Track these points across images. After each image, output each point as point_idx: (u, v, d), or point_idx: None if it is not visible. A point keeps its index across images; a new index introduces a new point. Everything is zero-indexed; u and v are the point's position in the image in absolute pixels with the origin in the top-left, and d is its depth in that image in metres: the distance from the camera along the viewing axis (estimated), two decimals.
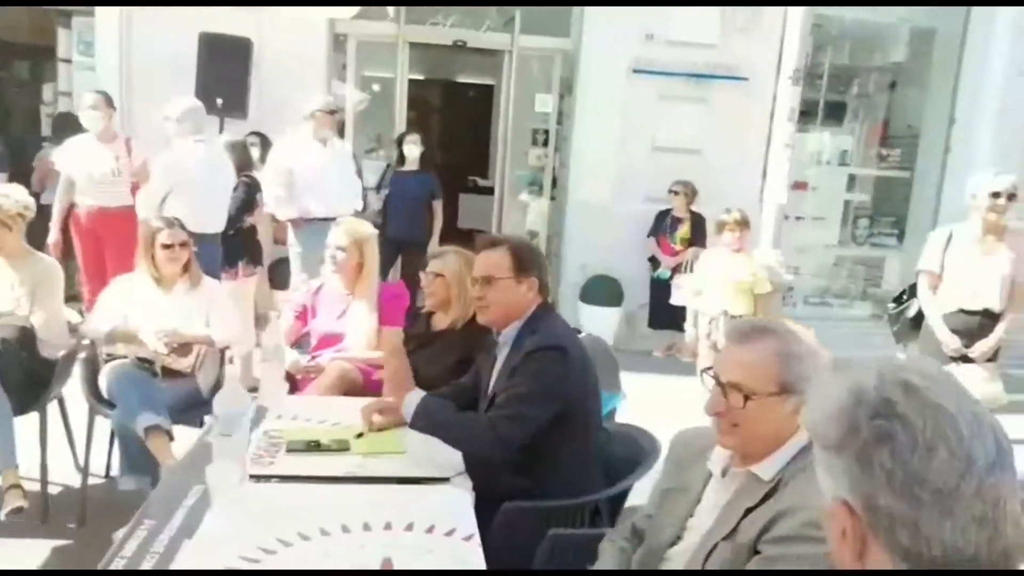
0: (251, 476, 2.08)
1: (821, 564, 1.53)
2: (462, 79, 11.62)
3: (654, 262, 6.57)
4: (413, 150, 6.51)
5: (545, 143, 7.52)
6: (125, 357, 3.31)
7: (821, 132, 8.17)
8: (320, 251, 5.37)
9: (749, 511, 1.64)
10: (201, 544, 1.76)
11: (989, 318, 4.15)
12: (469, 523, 1.96)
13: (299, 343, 3.60)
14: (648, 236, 6.62)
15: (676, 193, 6.49)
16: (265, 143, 5.92)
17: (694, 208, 6.48)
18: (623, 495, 2.47)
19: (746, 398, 1.62)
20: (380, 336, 3.56)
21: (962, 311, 4.17)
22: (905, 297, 4.51)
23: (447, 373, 3.06)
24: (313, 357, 3.52)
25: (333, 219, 5.34)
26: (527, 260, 2.43)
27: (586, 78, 7.15)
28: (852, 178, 8.26)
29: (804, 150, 7.69)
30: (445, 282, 3.26)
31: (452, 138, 9.74)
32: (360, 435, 2.47)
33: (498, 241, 2.49)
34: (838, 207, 8.19)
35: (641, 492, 2.43)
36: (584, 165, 7.15)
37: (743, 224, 4.82)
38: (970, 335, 4.14)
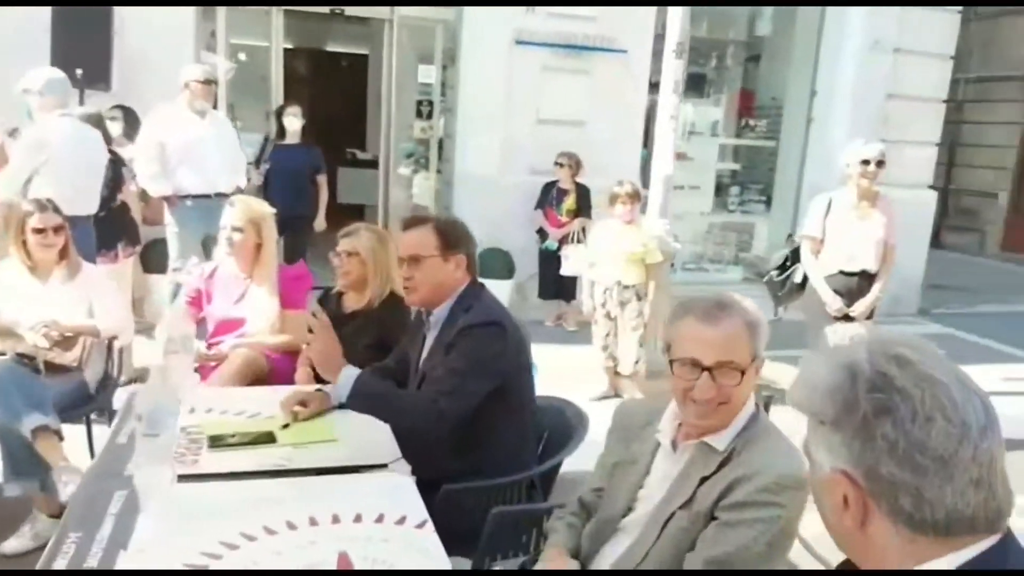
0: (178, 477, 1.95)
1: (775, 526, 1.61)
2: (333, 48, 11.26)
3: (542, 234, 6.63)
4: (294, 122, 6.25)
5: (429, 115, 7.40)
6: (3, 354, 3.02)
7: (684, 104, 8.45)
8: (198, 230, 5.13)
9: (704, 480, 1.69)
10: (140, 554, 1.63)
11: (866, 279, 4.44)
12: (419, 509, 1.92)
13: None
14: (535, 208, 6.66)
15: (561, 165, 6.52)
16: (130, 116, 5.52)
17: (579, 180, 6.55)
18: (555, 467, 2.49)
19: (742, 373, 1.65)
20: (283, 319, 3.42)
21: (842, 273, 4.44)
22: (788, 263, 4.75)
23: (363, 356, 2.96)
24: (211, 344, 3.34)
25: (210, 196, 5.13)
26: (453, 237, 2.38)
27: (469, 49, 7.07)
28: (723, 148, 8.63)
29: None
30: (360, 260, 3.15)
31: (326, 110, 9.41)
32: (286, 425, 2.37)
33: (423, 219, 2.43)
34: (710, 176, 8.54)
35: (569, 463, 2.49)
36: (470, 137, 7.10)
37: (634, 196, 4.91)
38: (850, 295, 4.42)
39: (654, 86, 7.56)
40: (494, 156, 6.97)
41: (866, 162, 4.35)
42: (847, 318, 4.38)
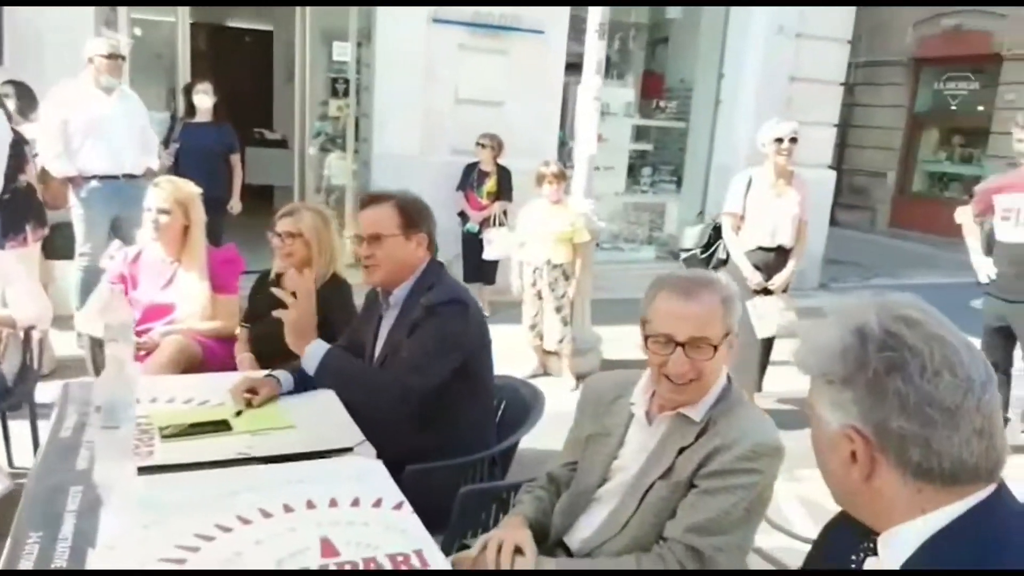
0: (138, 469, 1.85)
1: (753, 492, 1.67)
2: (235, 24, 10.83)
3: (463, 216, 6.59)
4: (204, 100, 5.99)
5: (345, 93, 7.22)
6: None
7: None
8: (106, 213, 4.86)
9: (683, 450, 1.73)
10: (110, 551, 1.54)
11: (783, 254, 4.62)
12: (393, 491, 1.89)
13: None
14: (457, 190, 6.62)
15: (483, 146, 6.45)
16: (23, 92, 5.15)
17: (500, 161, 6.53)
18: (513, 445, 2.50)
19: (715, 348, 1.69)
20: (214, 304, 3.30)
21: (761, 248, 4.60)
22: (711, 240, 4.90)
23: None
24: (140, 332, 3.18)
25: (118, 177, 4.86)
26: (415, 215, 2.35)
27: (384, 26, 6.93)
28: (635, 129, 8.78)
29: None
30: (304, 241, 3.06)
31: (231, 88, 9.03)
32: (239, 413, 2.29)
33: (384, 196, 2.38)
34: (624, 157, 8.70)
35: (525, 440, 2.51)
36: (388, 116, 6.97)
37: (560, 176, 4.96)
38: (768, 269, 4.59)
39: (569, 67, 7.66)
40: (414, 136, 6.89)
41: (779, 140, 4.51)
42: (766, 292, 4.54)
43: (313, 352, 2.15)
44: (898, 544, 0.99)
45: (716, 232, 4.86)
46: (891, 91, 14.14)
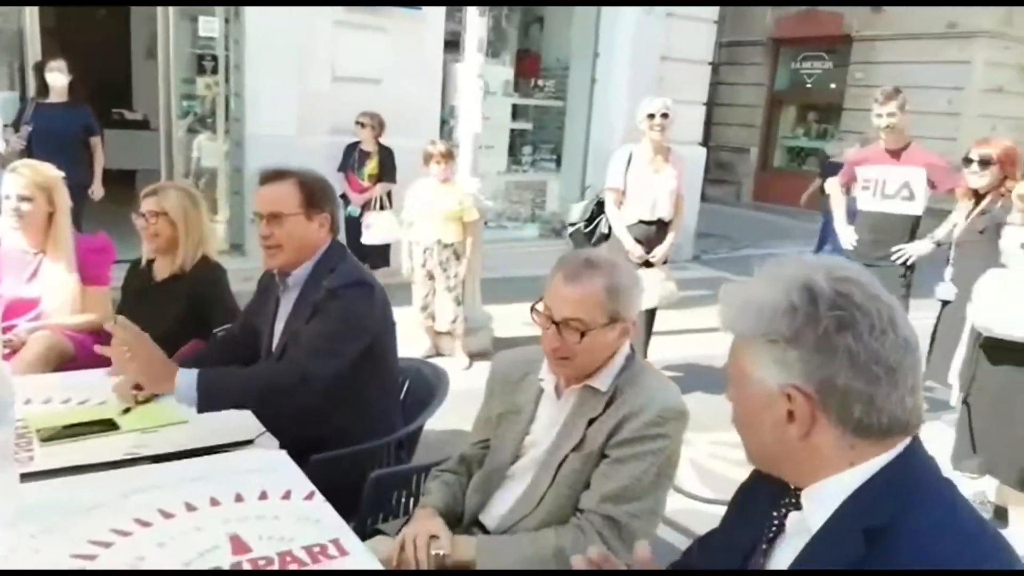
0: (21, 476, 1.71)
1: (662, 456, 1.71)
2: None
3: (345, 199, 6.39)
4: (59, 78, 5.56)
5: (214, 71, 6.87)
6: None
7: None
8: None
9: (592, 421, 1.76)
10: (1, 562, 1.42)
11: (662, 227, 4.77)
12: (302, 481, 1.82)
13: None
14: (338, 171, 6.42)
15: (363, 125, 6.21)
16: None
17: (383, 141, 6.37)
18: (419, 427, 2.47)
19: (582, 334, 1.70)
20: (84, 297, 3.08)
21: (642, 222, 4.74)
22: (594, 215, 4.99)
23: (179, 325, 2.77)
24: (4, 329, 2.93)
25: None
26: (318, 194, 2.25)
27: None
28: (515, 107, 8.82)
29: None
30: (169, 221, 2.88)
31: (85, 66, 8.42)
32: (127, 410, 2.15)
33: (285, 173, 2.27)
34: (504, 135, 8.72)
35: (430, 422, 2.49)
36: (261, 95, 6.71)
37: (448, 156, 4.92)
38: (649, 243, 4.73)
39: (446, 45, 7.59)
40: (290, 115, 6.66)
41: (651, 116, 4.64)
42: (647, 264, 4.68)
43: (184, 385, 1.94)
44: (824, 497, 1.02)
45: (600, 207, 4.95)
46: (752, 70, 14.82)
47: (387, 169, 6.20)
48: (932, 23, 12.20)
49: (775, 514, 1.12)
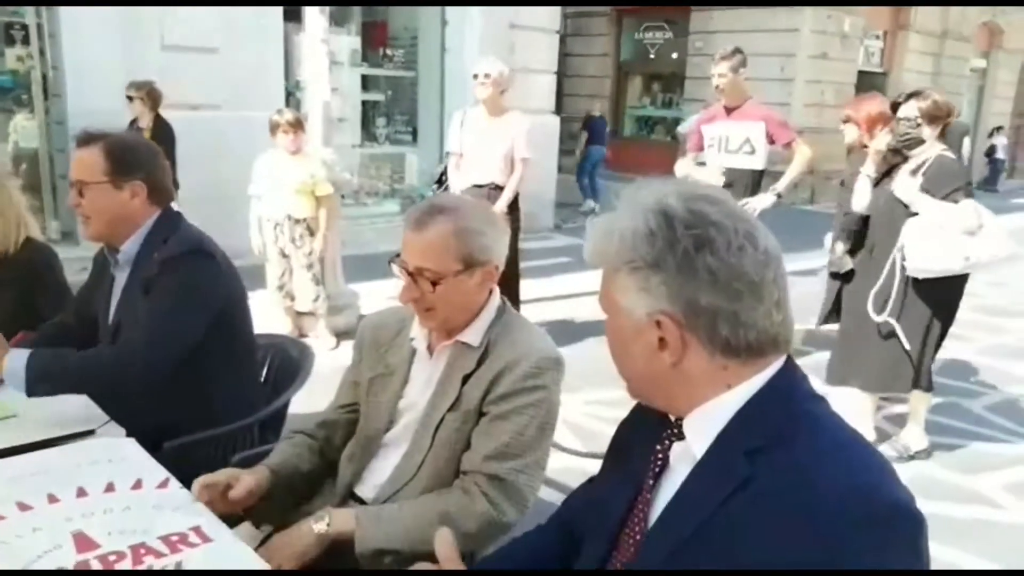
0: None
1: (543, 408, 1.67)
2: None
3: None
4: None
5: (25, 41, 6.20)
6: None
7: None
8: None
9: (467, 378, 1.69)
10: None
11: (497, 190, 4.68)
12: (154, 469, 1.66)
13: None
14: None
15: (131, 99, 5.52)
16: None
17: (163, 113, 5.70)
18: (284, 406, 2.32)
19: (434, 283, 1.62)
20: None
21: (475, 186, 4.69)
22: (444, 179, 4.92)
23: (10, 316, 2.47)
24: None
25: None
26: (127, 161, 2.01)
27: None
28: (365, 79, 8.55)
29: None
30: None
31: None
32: None
33: (93, 138, 2.03)
34: (356, 108, 8.44)
35: (298, 400, 2.35)
36: (82, 68, 6.14)
37: (296, 125, 4.65)
38: None
39: (288, 15, 7.23)
40: (115, 89, 6.09)
41: (475, 76, 4.61)
42: None
43: (13, 369, 1.78)
44: (704, 424, 1.01)
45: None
46: (598, 41, 15.12)
47: (165, 145, 5.56)
48: None
49: (658, 448, 1.10)
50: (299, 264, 4.78)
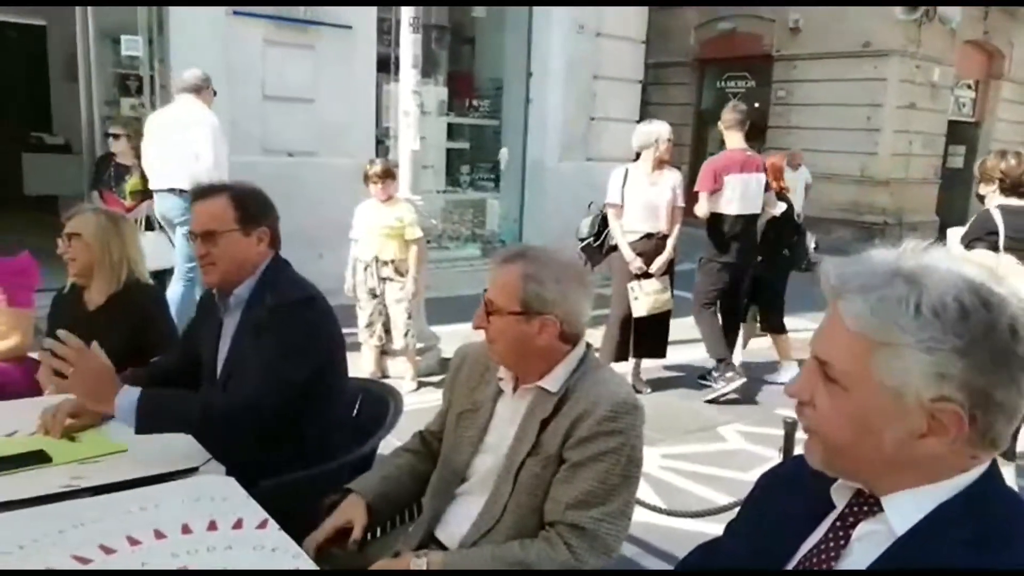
0: None
1: (623, 454, 1.67)
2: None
3: None
4: None
5: (139, 91, 6.63)
6: None
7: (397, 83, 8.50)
8: None
9: (545, 423, 1.73)
10: None
11: (662, 240, 4.99)
12: (254, 509, 1.72)
13: None
14: (90, 190, 5.68)
15: (117, 136, 5.47)
16: None
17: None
18: (372, 449, 2.39)
19: (490, 313, 1.73)
20: (7, 320, 2.91)
21: (647, 235, 4.97)
22: (600, 230, 5.14)
23: (114, 356, 2.61)
24: None
25: None
26: (254, 208, 2.16)
27: (178, 18, 6.45)
28: (450, 127, 8.79)
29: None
30: (84, 244, 2.74)
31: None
32: (73, 438, 2.02)
33: (218, 189, 2.17)
34: (442, 155, 8.67)
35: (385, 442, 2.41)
36: None
37: (386, 175, 4.85)
38: (649, 254, 4.95)
39: (379, 65, 7.53)
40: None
41: (670, 140, 5.00)
42: (646, 275, 4.93)
43: (125, 403, 1.87)
44: (917, 503, 0.95)
45: (604, 221, 5.14)
46: (679, 90, 15.15)
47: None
48: (847, 42, 12.68)
49: (840, 522, 1.03)
50: (391, 301, 4.92)
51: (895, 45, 12.47)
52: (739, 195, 5.05)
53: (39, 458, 1.91)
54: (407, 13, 5.31)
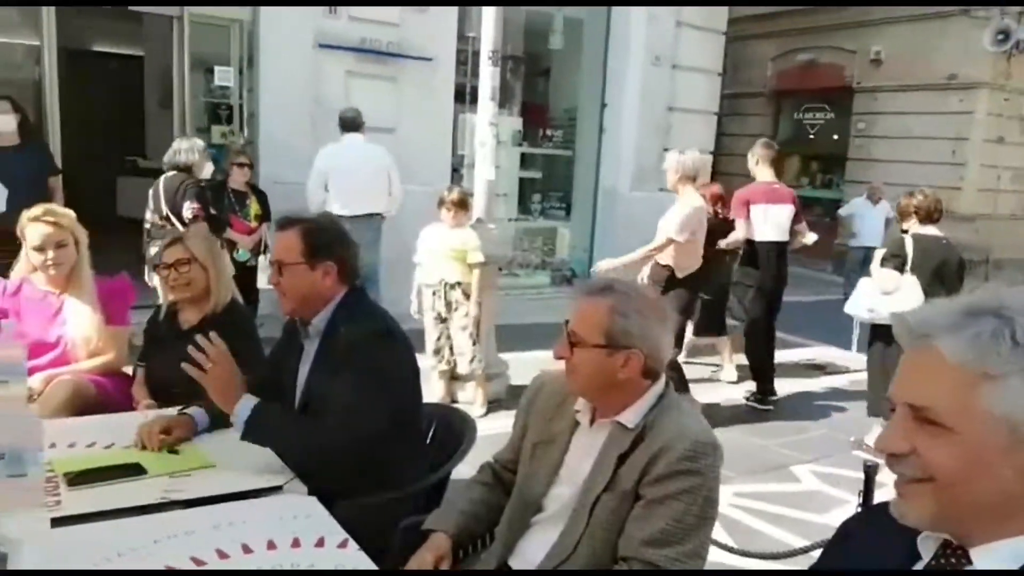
0: (52, 520, 1.67)
1: (700, 494, 1.66)
2: (101, 49, 10.27)
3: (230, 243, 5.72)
4: (8, 122, 5.09)
5: (229, 119, 6.94)
6: None
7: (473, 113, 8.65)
8: None
9: (622, 459, 1.72)
10: None
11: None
12: (335, 529, 1.78)
13: None
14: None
15: (241, 165, 5.91)
16: None
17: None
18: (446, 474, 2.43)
19: (573, 344, 1.74)
20: (104, 337, 3.06)
21: None
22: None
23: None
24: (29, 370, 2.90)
25: None
26: (321, 243, 2.22)
27: (268, 51, 6.76)
28: (524, 156, 8.91)
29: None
30: (200, 265, 2.86)
31: (100, 116, 8.54)
32: (174, 451, 2.15)
33: (292, 221, 2.27)
34: (515, 183, 8.78)
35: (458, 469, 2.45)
36: (274, 143, 6.76)
37: (461, 204, 4.92)
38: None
39: (455, 96, 7.72)
40: (301, 162, 6.66)
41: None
42: None
43: (241, 411, 2.04)
44: (1013, 555, 0.94)
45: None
46: (755, 121, 14.98)
47: (268, 208, 6.01)
48: (932, 74, 12.37)
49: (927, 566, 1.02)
50: (456, 326, 4.97)
51: (983, 78, 12.10)
52: (768, 224, 5.41)
53: (135, 470, 2.01)
54: (486, 46, 5.42)
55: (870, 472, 2.48)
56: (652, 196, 8.69)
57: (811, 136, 14.66)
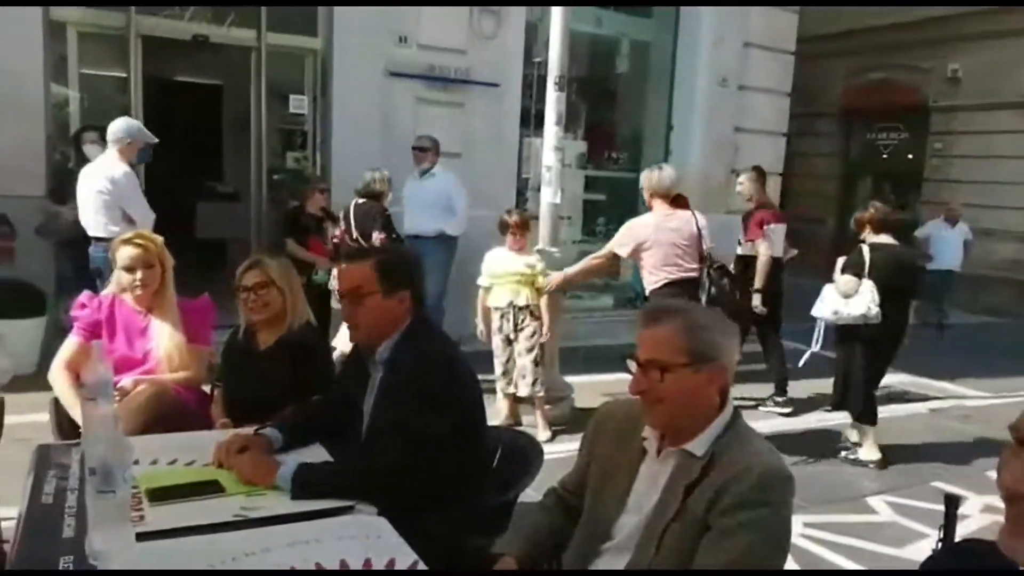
0: (136, 536, 1.75)
1: (772, 526, 1.63)
2: (183, 79, 10.69)
3: (307, 265, 5.78)
4: (94, 151, 5.42)
5: (302, 145, 7.17)
6: None
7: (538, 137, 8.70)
8: None
9: (690, 489, 1.70)
10: None
11: None
12: (404, 551, 1.81)
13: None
14: (285, 237, 6.19)
15: (323, 191, 6.34)
16: None
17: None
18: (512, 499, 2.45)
19: (663, 371, 1.70)
20: (186, 355, 3.19)
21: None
22: None
23: (282, 392, 2.81)
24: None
25: None
26: (397, 273, 2.29)
27: (341, 79, 6.97)
28: (588, 179, 8.92)
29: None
30: (277, 289, 2.96)
31: (182, 143, 8.90)
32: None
33: (365, 253, 2.36)
34: (579, 206, 8.80)
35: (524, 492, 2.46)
36: (345, 168, 6.92)
37: (522, 227, 4.99)
38: None
39: (521, 120, 7.81)
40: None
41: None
42: None
43: (282, 480, 2.08)
44: None
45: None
46: (826, 141, 14.72)
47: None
48: (1008, 93, 11.96)
49: None
50: (522, 348, 5.00)
51: None
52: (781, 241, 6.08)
53: (214, 488, 2.09)
54: (553, 71, 5.48)
55: (951, 505, 2.39)
56: (718, 218, 8.58)
57: (884, 156, 14.31)
